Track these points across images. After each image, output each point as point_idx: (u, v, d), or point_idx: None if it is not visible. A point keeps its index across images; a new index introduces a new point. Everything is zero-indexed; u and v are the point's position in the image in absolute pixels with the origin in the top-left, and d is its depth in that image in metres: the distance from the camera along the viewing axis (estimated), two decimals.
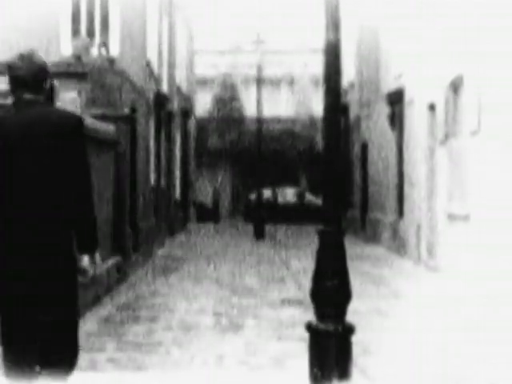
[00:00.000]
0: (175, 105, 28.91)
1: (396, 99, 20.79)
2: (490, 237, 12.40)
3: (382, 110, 22.86)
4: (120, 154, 14.61)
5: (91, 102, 15.08)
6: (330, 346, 6.37)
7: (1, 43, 19.21)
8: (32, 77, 4.61)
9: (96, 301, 11.56)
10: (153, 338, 9.15)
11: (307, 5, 43.41)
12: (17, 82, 4.61)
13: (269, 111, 42.34)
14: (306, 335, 6.65)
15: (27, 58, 4.62)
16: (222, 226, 36.31)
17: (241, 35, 43.80)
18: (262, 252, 21.62)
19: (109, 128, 13.51)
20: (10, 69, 4.60)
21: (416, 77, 18.57)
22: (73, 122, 4.58)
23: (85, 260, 4.64)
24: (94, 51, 18.18)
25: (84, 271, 4.66)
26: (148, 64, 21.39)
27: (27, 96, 4.61)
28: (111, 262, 13.37)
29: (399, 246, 20.45)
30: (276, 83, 44.86)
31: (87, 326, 9.91)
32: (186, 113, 32.75)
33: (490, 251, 12.35)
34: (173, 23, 27.96)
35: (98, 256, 4.71)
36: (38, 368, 4.58)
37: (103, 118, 14.04)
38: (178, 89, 30.31)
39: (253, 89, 43.20)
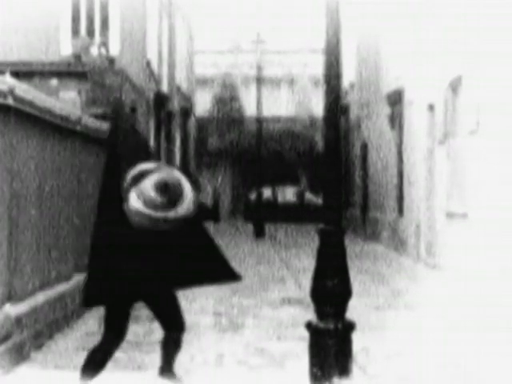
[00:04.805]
0: (175, 104, 28.92)
1: (396, 100, 20.80)
2: (489, 235, 12.42)
3: (382, 111, 22.87)
4: None
5: (91, 101, 15.09)
6: (331, 344, 6.39)
7: (1, 44, 19.21)
8: None
9: None
10: (153, 337, 9.15)
11: (307, 5, 43.41)
12: None
13: (269, 111, 42.29)
14: (306, 335, 6.67)
15: None
16: (222, 225, 36.30)
17: (241, 35, 43.78)
18: (262, 251, 21.63)
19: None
20: None
21: (415, 77, 18.58)
22: None
23: None
24: (94, 51, 18.20)
25: None
26: (148, 64, 21.41)
27: None
28: None
29: (398, 244, 20.47)
30: (276, 83, 44.87)
31: (87, 325, 9.92)
32: (186, 113, 32.76)
33: (488, 250, 12.38)
34: (173, 23, 27.97)
35: None
36: None
37: (103, 117, 14.05)
38: (178, 88, 30.31)
39: (253, 89, 43.16)
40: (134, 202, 5.42)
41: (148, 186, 5.42)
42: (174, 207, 5.46)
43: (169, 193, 5.44)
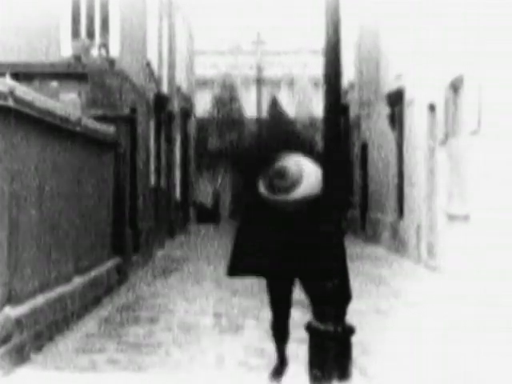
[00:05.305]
0: (175, 105, 28.90)
1: (396, 99, 20.78)
2: (490, 237, 12.40)
3: (382, 110, 22.85)
4: (120, 154, 14.61)
5: (91, 102, 15.08)
6: (330, 347, 6.37)
7: (1, 44, 19.20)
8: None
9: (96, 302, 11.56)
10: (153, 338, 9.15)
11: (307, 5, 43.39)
12: None
13: None
14: (305, 336, 6.65)
15: None
16: (222, 226, 36.28)
17: (241, 35, 43.77)
18: None
19: (109, 128, 13.51)
20: None
21: (416, 77, 18.57)
22: None
23: None
24: (94, 52, 18.17)
25: None
26: (148, 64, 21.39)
27: None
28: (111, 262, 13.37)
29: (399, 245, 20.44)
30: (276, 84, 44.85)
31: (87, 326, 9.91)
32: (186, 113, 32.74)
33: (489, 251, 12.35)
34: (173, 23, 27.95)
35: None
36: None
37: (103, 118, 14.04)
38: (178, 89, 30.30)
39: (253, 89, 43.18)
40: (261, 187, 6.48)
41: (270, 172, 6.45)
42: (294, 190, 6.40)
43: (287, 178, 6.40)
